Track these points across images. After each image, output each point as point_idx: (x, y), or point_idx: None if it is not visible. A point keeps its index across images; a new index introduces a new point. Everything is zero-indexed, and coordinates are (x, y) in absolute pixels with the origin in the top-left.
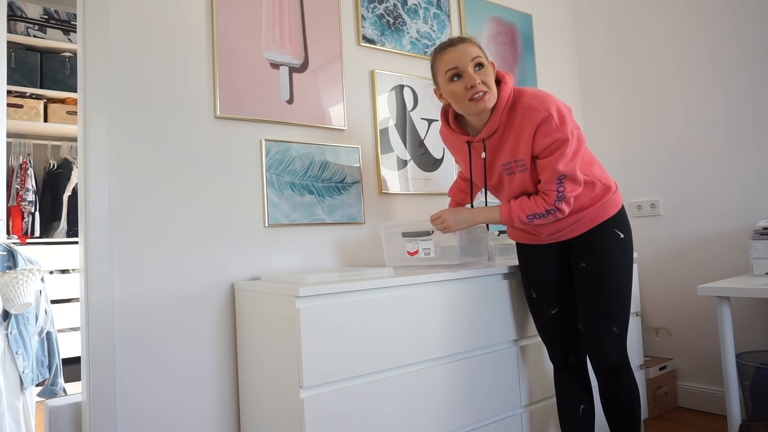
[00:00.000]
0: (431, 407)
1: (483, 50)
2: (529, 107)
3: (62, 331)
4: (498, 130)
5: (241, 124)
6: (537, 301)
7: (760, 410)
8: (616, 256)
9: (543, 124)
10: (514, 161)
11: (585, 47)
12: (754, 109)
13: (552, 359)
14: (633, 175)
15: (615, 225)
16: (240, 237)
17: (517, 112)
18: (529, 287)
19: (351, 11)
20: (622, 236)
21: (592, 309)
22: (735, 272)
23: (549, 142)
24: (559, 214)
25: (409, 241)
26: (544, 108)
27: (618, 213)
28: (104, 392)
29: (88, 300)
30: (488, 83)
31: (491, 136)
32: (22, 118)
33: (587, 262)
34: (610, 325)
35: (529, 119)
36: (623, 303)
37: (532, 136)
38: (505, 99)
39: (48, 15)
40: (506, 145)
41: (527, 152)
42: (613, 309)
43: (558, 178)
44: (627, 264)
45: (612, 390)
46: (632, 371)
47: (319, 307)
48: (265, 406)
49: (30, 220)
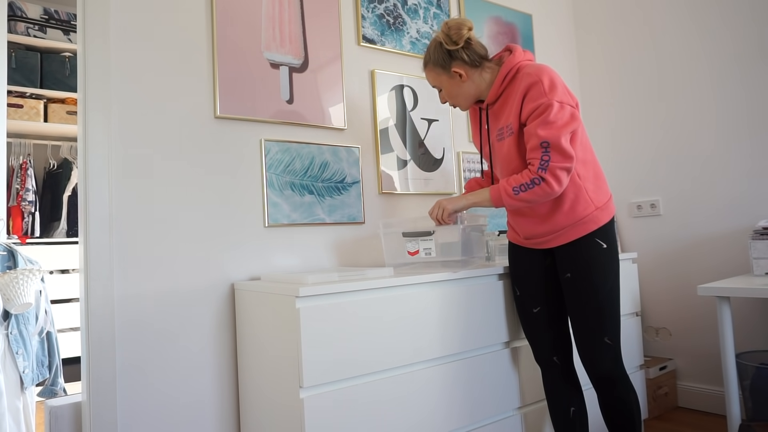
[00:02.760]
0: (431, 407)
1: (440, 68)
2: (525, 74)
3: (62, 331)
4: (500, 97)
5: (241, 124)
6: (520, 299)
7: (760, 410)
8: (600, 267)
9: (532, 88)
10: (506, 126)
11: (585, 47)
12: (754, 109)
13: (536, 360)
14: (633, 175)
15: (598, 235)
16: (240, 237)
17: (516, 80)
18: (513, 284)
19: (351, 11)
20: (605, 246)
21: (582, 320)
22: (735, 272)
23: (534, 107)
24: (546, 187)
25: (409, 241)
26: (536, 74)
27: (604, 225)
28: (104, 392)
29: (88, 300)
30: (451, 98)
31: (493, 104)
32: (22, 118)
33: (572, 272)
34: (601, 336)
35: (523, 84)
36: (612, 313)
37: (521, 101)
38: (507, 69)
39: (48, 15)
40: (503, 112)
41: (515, 116)
42: (602, 320)
43: (541, 145)
44: (612, 274)
45: (609, 399)
46: (628, 379)
47: (319, 307)
48: (265, 406)
49: (30, 220)
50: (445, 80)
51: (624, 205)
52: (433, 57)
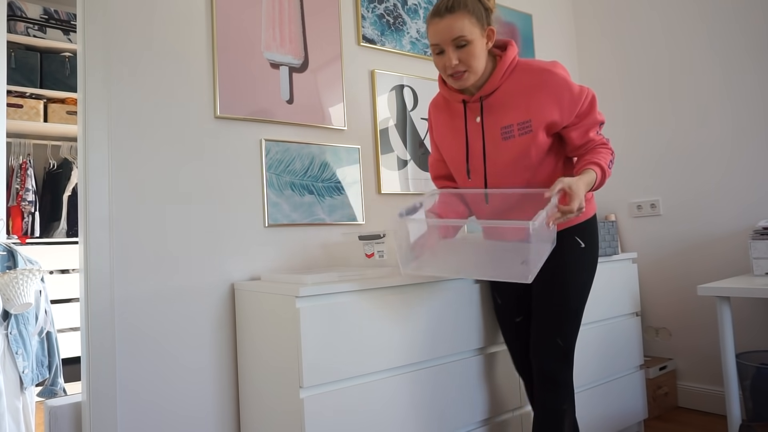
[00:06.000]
0: (431, 406)
1: (478, 17)
2: (544, 70)
3: (62, 331)
4: (498, 89)
5: (241, 124)
6: (502, 308)
7: (760, 410)
8: (573, 266)
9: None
10: (519, 123)
11: (585, 47)
12: (754, 109)
13: (517, 370)
14: (633, 174)
15: (577, 233)
16: (240, 237)
17: (527, 74)
18: (494, 293)
19: (351, 11)
20: (583, 246)
21: (539, 316)
22: (735, 272)
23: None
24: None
25: (365, 244)
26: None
27: (584, 222)
28: (104, 392)
29: (88, 300)
30: (468, 62)
31: (489, 96)
32: (22, 118)
33: (542, 268)
34: (554, 335)
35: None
36: (571, 315)
37: (547, 100)
38: (508, 61)
39: (48, 15)
40: (511, 106)
41: (539, 114)
42: (559, 319)
43: (600, 125)
44: (584, 276)
45: (541, 403)
46: (572, 395)
47: (319, 307)
48: (265, 406)
49: (30, 220)
50: (477, 36)
51: (624, 205)
52: (469, 3)
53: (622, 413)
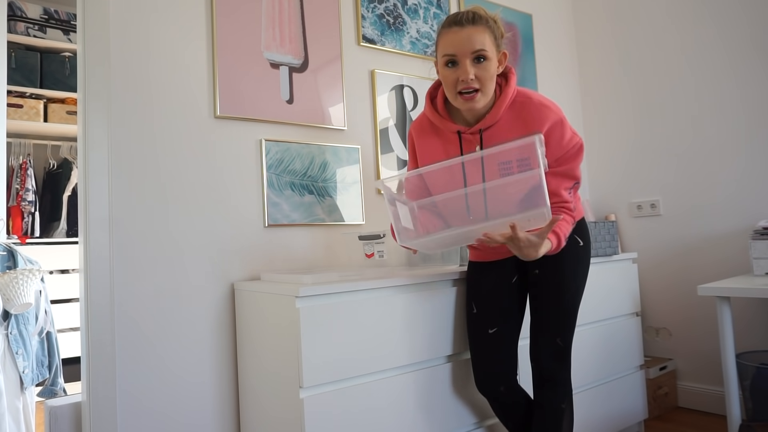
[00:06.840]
0: (432, 406)
1: (496, 37)
2: (543, 105)
3: (62, 331)
4: (497, 123)
5: (241, 124)
6: (476, 317)
7: (760, 410)
8: (572, 264)
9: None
10: (518, 159)
11: (585, 47)
12: (754, 109)
13: (480, 390)
14: (633, 174)
15: (576, 231)
16: (240, 237)
17: (526, 107)
18: (471, 301)
19: (351, 11)
20: (582, 244)
21: (540, 317)
22: (735, 272)
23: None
24: None
25: (365, 244)
26: (556, 110)
27: (579, 221)
28: (104, 392)
29: (88, 300)
30: (483, 80)
31: (488, 129)
32: (22, 118)
33: (540, 268)
34: (555, 335)
35: (543, 117)
36: (570, 314)
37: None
38: (510, 91)
39: (48, 15)
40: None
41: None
42: (561, 320)
43: (574, 186)
44: (581, 274)
45: (541, 402)
46: (570, 393)
47: (319, 307)
48: (265, 406)
49: (30, 220)
50: (494, 55)
51: (624, 205)
52: (489, 22)
53: (622, 413)
